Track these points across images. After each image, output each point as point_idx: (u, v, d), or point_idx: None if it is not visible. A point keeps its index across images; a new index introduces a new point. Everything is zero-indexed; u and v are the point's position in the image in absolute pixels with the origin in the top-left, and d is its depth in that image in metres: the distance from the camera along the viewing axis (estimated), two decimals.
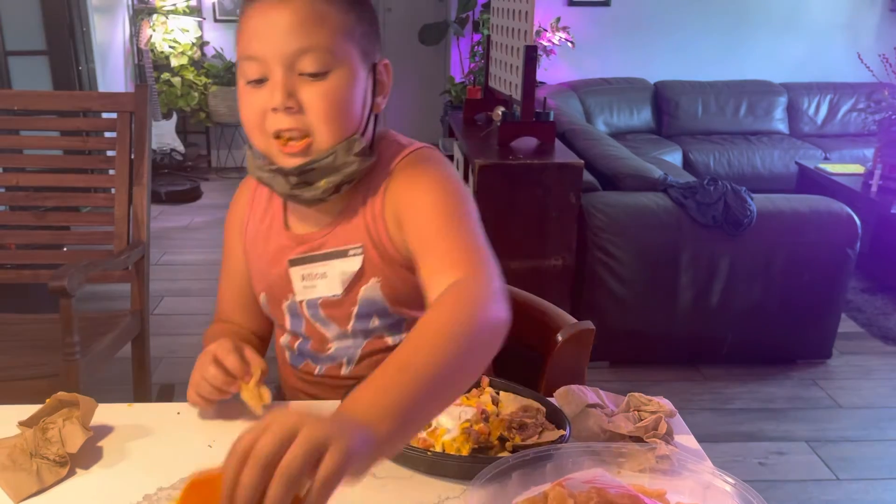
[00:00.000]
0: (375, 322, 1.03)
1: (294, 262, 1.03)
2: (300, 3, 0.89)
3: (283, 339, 1.11)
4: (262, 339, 1.18)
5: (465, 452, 0.85)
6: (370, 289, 1.00)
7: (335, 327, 1.04)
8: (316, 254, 1.02)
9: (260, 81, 0.91)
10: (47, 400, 0.90)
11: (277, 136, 0.92)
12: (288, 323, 1.08)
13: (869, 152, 4.61)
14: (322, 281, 1.02)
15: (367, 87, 0.97)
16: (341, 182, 0.95)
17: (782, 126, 5.26)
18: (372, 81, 0.98)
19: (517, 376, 1.03)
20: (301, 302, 1.05)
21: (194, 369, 0.97)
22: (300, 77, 0.91)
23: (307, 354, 1.08)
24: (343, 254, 1.00)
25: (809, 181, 4.09)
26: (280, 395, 1.16)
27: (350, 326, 1.03)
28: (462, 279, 0.82)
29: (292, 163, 0.93)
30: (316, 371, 1.08)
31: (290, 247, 1.04)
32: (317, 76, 0.91)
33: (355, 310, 1.02)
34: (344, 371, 1.07)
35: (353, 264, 1.00)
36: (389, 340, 1.05)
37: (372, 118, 1.00)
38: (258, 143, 0.95)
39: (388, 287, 1.00)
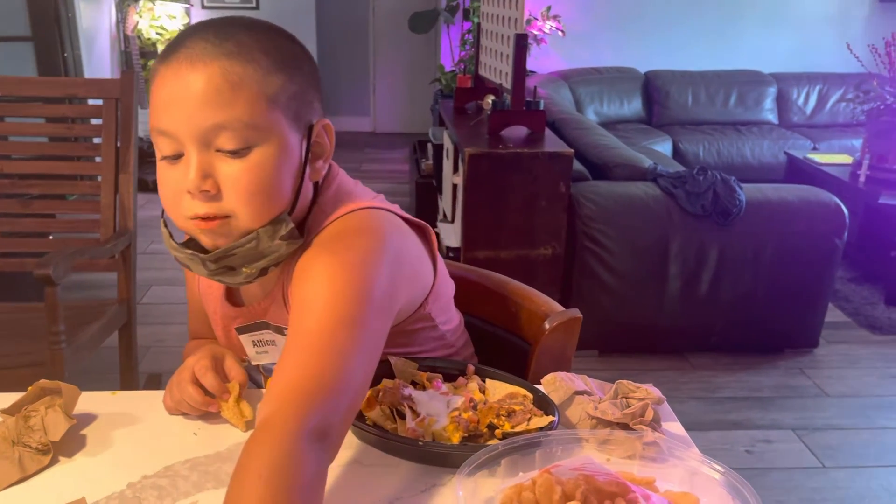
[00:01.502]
0: None
1: (241, 330, 0.99)
2: (215, 68, 0.79)
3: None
4: None
5: (455, 441, 0.85)
6: None
7: None
8: (260, 321, 0.97)
9: (175, 157, 0.82)
10: (29, 388, 0.89)
11: (195, 217, 0.83)
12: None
13: (857, 142, 4.63)
14: (273, 348, 0.98)
15: (300, 155, 0.86)
16: (266, 267, 0.87)
17: (772, 116, 5.28)
18: (307, 146, 0.86)
19: (504, 363, 1.02)
20: (258, 365, 1.02)
21: (171, 382, 0.94)
22: (218, 153, 0.80)
23: None
24: (281, 331, 0.94)
25: (798, 171, 4.10)
26: None
27: None
28: (274, 417, 0.69)
29: (212, 242, 0.85)
30: None
31: (232, 316, 0.99)
32: (236, 153, 0.80)
33: None
34: None
35: None
36: None
37: (310, 186, 0.90)
38: (177, 223, 0.86)
39: None
